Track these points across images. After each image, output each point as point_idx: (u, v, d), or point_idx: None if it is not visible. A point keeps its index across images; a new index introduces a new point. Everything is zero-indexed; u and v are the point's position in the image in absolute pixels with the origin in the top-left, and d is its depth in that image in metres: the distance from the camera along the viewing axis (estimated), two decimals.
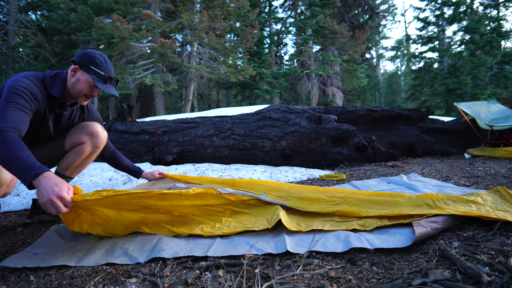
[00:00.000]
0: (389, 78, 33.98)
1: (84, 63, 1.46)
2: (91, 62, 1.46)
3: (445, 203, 1.26)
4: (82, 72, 1.47)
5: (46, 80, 1.46)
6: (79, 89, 1.48)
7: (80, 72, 1.47)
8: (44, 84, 1.46)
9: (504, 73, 16.60)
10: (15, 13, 13.50)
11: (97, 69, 1.46)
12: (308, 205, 1.44)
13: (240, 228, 1.27)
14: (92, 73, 1.46)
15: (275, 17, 20.54)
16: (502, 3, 17.47)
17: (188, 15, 11.80)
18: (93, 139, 1.68)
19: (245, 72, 13.36)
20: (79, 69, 1.47)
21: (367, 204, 1.37)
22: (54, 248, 1.24)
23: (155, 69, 12.15)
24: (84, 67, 1.46)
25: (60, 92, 1.48)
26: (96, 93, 1.52)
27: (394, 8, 28.29)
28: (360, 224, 1.23)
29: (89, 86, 1.48)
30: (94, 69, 1.45)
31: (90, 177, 2.70)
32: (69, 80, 1.49)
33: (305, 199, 1.49)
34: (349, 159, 3.43)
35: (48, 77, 1.47)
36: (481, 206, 1.22)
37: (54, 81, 1.48)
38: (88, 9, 11.73)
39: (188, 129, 3.50)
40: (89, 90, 1.49)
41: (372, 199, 1.39)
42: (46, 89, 1.46)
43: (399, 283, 0.78)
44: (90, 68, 1.45)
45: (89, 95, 1.52)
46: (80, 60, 1.47)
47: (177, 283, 0.90)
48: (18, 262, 1.12)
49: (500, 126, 3.98)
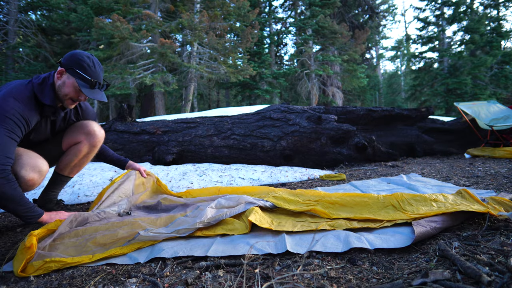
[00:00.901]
0: (389, 78, 33.98)
1: (70, 66, 1.40)
2: (77, 66, 1.40)
3: (409, 203, 1.32)
4: (68, 75, 1.41)
5: (35, 89, 1.40)
6: (65, 93, 1.43)
7: (66, 75, 1.42)
8: (34, 95, 1.40)
9: (504, 73, 16.60)
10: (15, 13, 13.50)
11: (84, 73, 1.40)
12: (287, 205, 1.50)
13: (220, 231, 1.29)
14: (78, 77, 1.40)
15: (275, 17, 20.53)
16: (502, 3, 17.47)
17: (188, 15, 11.80)
18: (90, 139, 1.67)
19: (245, 72, 13.36)
20: (65, 72, 1.42)
21: (337, 206, 1.44)
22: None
23: (155, 69, 12.15)
24: (70, 70, 1.40)
25: (51, 100, 1.43)
26: (83, 97, 1.46)
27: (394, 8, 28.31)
28: (330, 225, 1.26)
29: (75, 90, 1.43)
30: (80, 73, 1.39)
31: (90, 177, 2.70)
32: (55, 83, 1.44)
33: (282, 198, 1.56)
34: (349, 159, 3.43)
35: (37, 86, 1.41)
36: (441, 204, 1.27)
37: (43, 88, 1.41)
38: (88, 9, 11.73)
39: (188, 129, 3.50)
40: (75, 94, 1.44)
41: (343, 200, 1.46)
42: (37, 98, 1.40)
43: (399, 283, 0.78)
44: (76, 72, 1.39)
45: (75, 99, 1.47)
46: (67, 63, 1.41)
47: (177, 283, 0.90)
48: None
49: (500, 126, 3.98)
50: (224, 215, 1.37)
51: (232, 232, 1.27)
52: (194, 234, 1.27)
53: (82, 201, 2.32)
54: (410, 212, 1.26)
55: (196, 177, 2.78)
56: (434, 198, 1.32)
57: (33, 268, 1.06)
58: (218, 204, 1.46)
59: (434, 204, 1.28)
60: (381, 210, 1.34)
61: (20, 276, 1.05)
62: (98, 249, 1.18)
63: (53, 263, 1.08)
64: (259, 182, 2.75)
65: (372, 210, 1.35)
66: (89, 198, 2.35)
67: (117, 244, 1.20)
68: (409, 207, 1.30)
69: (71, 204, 2.28)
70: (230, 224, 1.33)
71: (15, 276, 1.06)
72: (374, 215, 1.31)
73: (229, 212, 1.39)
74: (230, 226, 1.32)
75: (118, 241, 1.22)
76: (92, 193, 2.43)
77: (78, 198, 2.36)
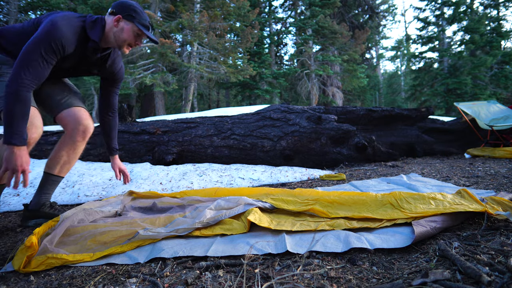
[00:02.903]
0: (389, 78, 33.97)
1: (126, 12, 1.49)
2: (133, 11, 1.49)
3: (407, 201, 1.32)
4: (125, 21, 1.50)
5: (86, 24, 1.49)
6: (123, 38, 1.51)
7: (123, 22, 1.50)
8: (84, 28, 1.48)
9: (504, 73, 16.59)
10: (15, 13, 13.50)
11: (139, 16, 1.49)
12: (285, 205, 1.50)
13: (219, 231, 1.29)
14: (137, 21, 1.49)
15: (275, 17, 20.53)
16: (502, 3, 17.47)
17: (188, 15, 11.80)
18: (80, 129, 1.66)
19: (245, 72, 13.36)
20: (122, 19, 1.50)
21: (335, 205, 1.44)
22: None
23: (155, 69, 12.15)
24: (127, 16, 1.49)
25: (99, 37, 1.50)
26: (139, 42, 1.55)
27: (394, 8, 28.31)
28: (329, 225, 1.26)
29: (133, 35, 1.52)
30: (136, 16, 1.48)
31: (90, 177, 2.70)
32: (110, 30, 1.52)
33: (281, 200, 1.56)
34: (349, 159, 3.43)
35: (89, 22, 1.50)
36: (440, 202, 1.27)
37: (94, 25, 1.50)
38: (88, 9, 11.73)
39: (188, 129, 3.50)
40: (133, 39, 1.53)
41: (341, 199, 1.46)
42: (85, 31, 1.48)
43: (399, 283, 0.78)
44: (133, 17, 1.48)
45: (132, 44, 1.55)
46: (121, 10, 1.50)
47: (177, 283, 0.90)
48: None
49: (500, 126, 3.98)
50: (223, 216, 1.37)
51: (231, 232, 1.27)
52: (192, 234, 1.27)
53: (82, 201, 2.32)
54: (408, 210, 1.26)
55: (196, 177, 2.78)
56: (433, 196, 1.32)
57: (36, 262, 1.06)
58: (217, 205, 1.47)
59: (432, 202, 1.28)
60: (379, 208, 1.34)
61: (22, 272, 1.05)
62: (98, 247, 1.18)
63: (54, 260, 1.08)
64: (259, 182, 2.75)
65: (370, 208, 1.36)
66: (89, 198, 2.35)
67: (117, 242, 1.20)
68: (407, 205, 1.30)
69: (71, 204, 2.28)
70: (228, 224, 1.33)
71: (15, 276, 1.06)
72: (372, 213, 1.31)
73: (228, 213, 1.39)
74: (228, 226, 1.32)
75: (118, 239, 1.22)
76: (92, 193, 2.43)
77: (78, 198, 2.36)
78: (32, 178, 2.63)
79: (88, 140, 1.78)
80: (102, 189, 2.50)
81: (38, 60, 1.33)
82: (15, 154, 1.26)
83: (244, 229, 1.28)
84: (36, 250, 1.10)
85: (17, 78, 1.28)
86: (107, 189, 2.50)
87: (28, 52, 1.32)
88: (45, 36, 1.34)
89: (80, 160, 3.22)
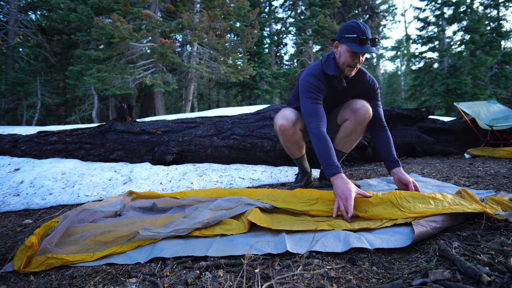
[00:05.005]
0: (389, 78, 33.95)
1: (340, 35, 1.57)
2: (344, 32, 1.55)
3: (406, 200, 1.32)
4: (341, 45, 1.59)
5: (322, 66, 1.68)
6: (342, 61, 1.60)
7: (340, 46, 1.60)
8: (323, 70, 1.68)
9: (504, 73, 16.58)
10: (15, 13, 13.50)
11: (350, 34, 1.52)
12: (286, 205, 1.50)
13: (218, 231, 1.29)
14: (347, 41, 1.53)
15: (275, 17, 20.52)
16: (502, 3, 17.46)
17: (188, 15, 11.79)
18: (355, 115, 1.78)
19: (245, 72, 13.35)
20: (338, 44, 1.60)
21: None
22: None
23: (155, 69, 12.14)
24: (341, 39, 1.56)
25: (334, 70, 1.65)
26: (358, 60, 1.58)
27: (394, 8, 28.25)
28: (330, 225, 1.25)
29: (349, 55, 1.57)
30: (347, 36, 1.53)
31: (90, 177, 2.70)
32: (336, 58, 1.65)
33: (282, 201, 1.56)
34: (349, 159, 3.43)
35: (324, 62, 1.69)
36: (439, 202, 1.27)
37: (328, 64, 1.67)
38: (88, 9, 11.73)
39: (188, 129, 3.50)
40: (351, 59, 1.58)
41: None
42: (325, 72, 1.67)
43: (399, 283, 0.78)
44: (345, 37, 1.54)
45: (352, 64, 1.60)
46: (338, 35, 1.59)
47: (177, 283, 0.90)
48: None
49: (500, 126, 3.98)
50: (223, 216, 1.37)
51: (231, 232, 1.27)
52: (192, 234, 1.27)
53: (82, 201, 2.32)
54: (407, 209, 1.26)
55: (196, 177, 2.79)
56: (433, 196, 1.31)
57: (36, 263, 1.06)
58: (217, 205, 1.47)
59: (431, 202, 1.27)
60: (379, 206, 1.34)
61: (22, 272, 1.05)
62: (98, 248, 1.18)
63: (54, 260, 1.08)
64: (259, 182, 2.75)
65: (370, 206, 1.36)
66: (89, 198, 2.35)
67: (117, 242, 1.20)
68: (406, 203, 1.29)
69: (71, 204, 2.28)
70: (228, 224, 1.33)
71: (15, 276, 1.06)
72: (372, 211, 1.31)
73: (228, 213, 1.39)
74: (228, 226, 1.32)
75: (118, 239, 1.22)
76: (92, 193, 2.43)
77: (78, 198, 2.36)
78: (32, 178, 2.63)
79: (88, 140, 1.78)
80: (102, 189, 2.50)
81: (315, 103, 1.66)
82: (336, 182, 1.43)
83: (244, 229, 1.28)
84: (36, 250, 1.10)
85: None
86: (107, 189, 2.50)
87: None
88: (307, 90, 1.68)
89: (80, 160, 3.22)
